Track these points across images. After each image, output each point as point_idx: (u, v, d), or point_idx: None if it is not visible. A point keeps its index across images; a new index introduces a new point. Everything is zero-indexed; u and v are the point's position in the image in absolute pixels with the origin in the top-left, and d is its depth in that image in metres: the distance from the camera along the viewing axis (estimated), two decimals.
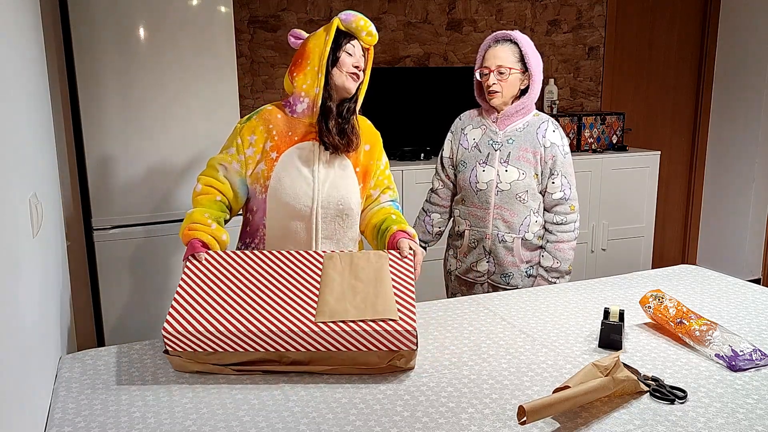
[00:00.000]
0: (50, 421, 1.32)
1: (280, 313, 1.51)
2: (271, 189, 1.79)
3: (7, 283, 1.10)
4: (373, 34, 1.81)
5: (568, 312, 1.89)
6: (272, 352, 1.48)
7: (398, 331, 1.46)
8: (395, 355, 1.48)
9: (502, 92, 2.16)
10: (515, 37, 2.17)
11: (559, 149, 2.19)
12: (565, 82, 4.29)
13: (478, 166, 2.21)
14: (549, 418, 1.28)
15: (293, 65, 1.83)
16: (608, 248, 3.99)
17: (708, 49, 4.59)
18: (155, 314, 2.85)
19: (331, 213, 1.82)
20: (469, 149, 2.25)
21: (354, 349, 1.48)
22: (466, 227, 2.28)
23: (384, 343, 1.47)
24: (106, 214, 2.73)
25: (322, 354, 1.48)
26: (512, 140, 2.19)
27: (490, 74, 2.16)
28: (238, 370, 1.49)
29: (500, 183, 2.18)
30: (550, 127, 2.20)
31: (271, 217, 1.82)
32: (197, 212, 1.74)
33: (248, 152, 1.80)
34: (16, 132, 1.35)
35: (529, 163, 2.18)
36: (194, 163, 2.82)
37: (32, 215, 1.43)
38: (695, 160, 4.75)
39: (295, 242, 1.83)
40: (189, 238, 1.70)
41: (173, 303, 1.53)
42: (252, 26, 3.54)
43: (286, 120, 1.82)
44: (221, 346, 1.48)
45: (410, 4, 3.85)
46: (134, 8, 2.63)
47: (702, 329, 1.63)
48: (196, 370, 1.50)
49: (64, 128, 2.68)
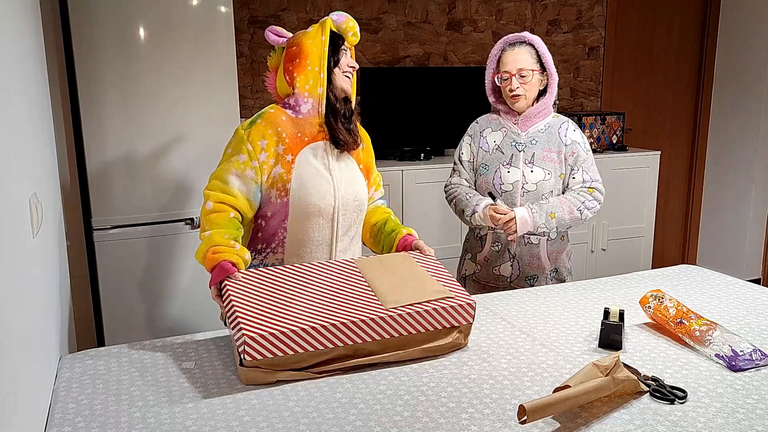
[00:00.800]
0: (50, 421, 1.32)
1: (348, 307, 1.55)
2: (294, 191, 1.78)
3: (7, 283, 1.10)
4: (358, 35, 1.87)
5: (568, 312, 1.89)
6: (349, 345, 1.50)
7: (460, 305, 1.59)
8: (458, 329, 1.60)
9: (526, 95, 2.17)
10: (530, 38, 2.18)
11: (580, 146, 2.21)
12: (565, 82, 4.29)
13: (501, 167, 2.20)
14: (549, 417, 1.29)
15: (290, 65, 1.82)
16: (608, 248, 3.99)
17: (708, 49, 4.59)
18: (155, 314, 2.85)
19: (350, 209, 1.87)
20: (490, 152, 2.23)
21: (423, 330, 1.56)
22: (488, 230, 2.26)
23: (448, 319, 1.58)
24: (106, 214, 2.73)
25: (393, 341, 1.55)
26: (536, 141, 2.19)
27: (512, 78, 2.15)
28: (317, 372, 1.49)
29: (526, 184, 2.18)
30: (571, 126, 2.23)
31: (293, 220, 1.80)
32: (216, 234, 1.67)
33: (261, 157, 1.75)
34: (16, 132, 1.35)
35: (553, 162, 2.19)
36: (194, 163, 2.82)
37: (32, 215, 1.43)
38: (695, 160, 4.75)
39: (316, 241, 1.84)
40: (215, 261, 1.62)
41: (238, 316, 1.46)
42: (252, 26, 3.55)
43: (293, 121, 1.81)
44: (302, 345, 1.45)
45: (410, 4, 3.85)
46: (134, 8, 2.63)
47: (702, 329, 1.63)
48: (270, 380, 1.45)
49: (64, 128, 2.68)
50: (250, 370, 1.45)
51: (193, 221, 2.85)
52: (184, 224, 2.85)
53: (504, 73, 2.18)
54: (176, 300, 2.88)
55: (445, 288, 1.64)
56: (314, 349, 1.47)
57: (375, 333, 1.52)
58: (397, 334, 1.54)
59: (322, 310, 1.52)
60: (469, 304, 1.60)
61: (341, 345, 1.50)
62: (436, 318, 1.57)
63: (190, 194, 2.84)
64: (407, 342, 1.56)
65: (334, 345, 1.49)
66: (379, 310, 1.54)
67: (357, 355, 1.52)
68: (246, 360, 1.43)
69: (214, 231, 1.68)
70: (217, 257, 1.63)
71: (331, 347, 1.49)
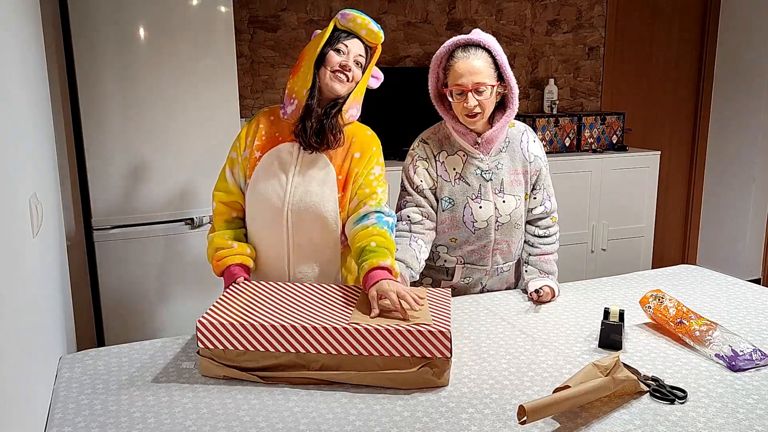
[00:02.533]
0: (50, 421, 1.32)
1: (310, 316, 1.49)
2: (249, 188, 1.79)
3: (7, 283, 1.10)
4: (375, 31, 1.74)
5: (568, 312, 1.89)
6: (302, 354, 1.44)
7: (432, 333, 1.40)
8: (428, 362, 1.42)
9: (484, 113, 1.84)
10: (484, 41, 1.83)
11: (542, 161, 1.99)
12: (565, 82, 4.29)
13: (471, 202, 1.91)
14: (549, 418, 1.28)
15: (292, 68, 1.82)
16: (608, 248, 3.99)
17: (708, 49, 4.59)
18: (155, 314, 2.85)
19: (305, 217, 1.75)
20: (452, 182, 1.92)
21: (386, 353, 1.42)
22: (457, 264, 2.01)
23: (416, 346, 1.41)
24: (106, 214, 2.73)
25: (352, 358, 1.43)
26: (501, 165, 1.93)
27: (467, 94, 1.80)
28: (264, 377, 1.45)
29: (500, 217, 1.93)
30: (530, 137, 1.99)
31: (249, 217, 1.82)
32: (217, 237, 1.79)
33: (244, 154, 1.81)
34: (16, 132, 1.36)
35: (520, 185, 1.96)
36: (194, 163, 2.82)
37: (32, 215, 1.43)
38: (695, 160, 4.75)
39: (270, 243, 1.80)
40: (222, 267, 1.76)
41: (212, 306, 1.54)
42: (252, 26, 3.54)
43: (277, 121, 1.81)
44: (252, 343, 1.44)
45: (410, 4, 3.85)
46: (134, 8, 2.63)
47: (702, 329, 1.63)
48: (224, 375, 1.47)
49: (64, 128, 2.68)
50: (204, 359, 1.48)
51: (193, 221, 2.85)
52: (184, 224, 2.85)
53: (457, 87, 1.82)
54: (176, 300, 2.88)
55: (429, 318, 1.48)
56: (264, 348, 1.44)
57: (329, 345, 1.42)
58: (354, 351, 1.42)
59: (283, 314, 1.50)
60: (443, 334, 1.40)
61: (292, 351, 1.44)
62: (400, 341, 1.41)
63: (189, 194, 2.84)
64: (364, 363, 1.42)
65: (285, 349, 1.44)
66: (338, 322, 1.45)
67: (310, 368, 1.44)
68: (200, 348, 1.48)
69: (216, 234, 1.80)
70: (223, 264, 1.76)
71: (282, 351, 1.44)
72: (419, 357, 1.42)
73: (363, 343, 1.42)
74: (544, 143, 3.85)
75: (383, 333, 1.41)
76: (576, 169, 3.82)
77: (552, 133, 3.88)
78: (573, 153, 3.91)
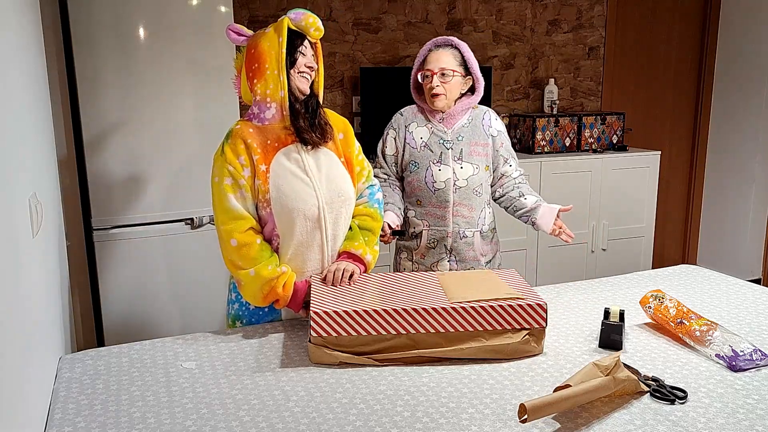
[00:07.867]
0: (50, 421, 1.32)
1: (413, 299, 1.62)
2: (274, 200, 1.76)
3: (7, 283, 1.10)
4: (321, 29, 1.82)
5: (568, 312, 1.89)
6: (413, 334, 1.56)
7: (530, 306, 1.58)
8: (527, 333, 1.58)
9: (446, 94, 2.20)
10: (456, 42, 2.23)
11: (504, 136, 2.30)
12: (565, 82, 4.29)
13: (432, 165, 2.22)
14: (549, 417, 1.29)
15: (250, 71, 1.79)
16: (608, 248, 3.99)
17: (708, 49, 4.59)
18: (155, 314, 2.85)
19: (335, 206, 1.83)
20: (418, 149, 2.25)
21: (490, 328, 1.57)
22: (423, 227, 2.27)
23: (516, 319, 1.58)
24: (106, 214, 2.73)
25: (456, 335, 1.57)
26: (461, 137, 2.24)
27: (433, 76, 2.19)
28: (380, 360, 1.55)
29: (457, 180, 2.22)
30: (492, 115, 2.29)
31: (282, 226, 1.79)
32: (262, 269, 1.73)
33: (246, 173, 1.76)
34: (16, 132, 1.36)
35: (480, 156, 2.24)
36: (194, 163, 2.82)
37: (32, 215, 1.43)
38: (695, 160, 4.75)
39: (309, 244, 1.81)
40: (288, 291, 1.76)
41: (313, 296, 1.64)
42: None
43: (259, 130, 1.79)
44: (364, 327, 1.55)
45: (410, 4, 3.85)
46: (134, 8, 2.63)
47: (702, 329, 1.63)
48: (333, 361, 1.56)
49: (64, 128, 2.68)
50: (316, 347, 1.56)
51: (192, 221, 2.85)
52: (183, 224, 2.85)
53: (426, 71, 2.22)
54: (176, 300, 2.88)
55: (518, 293, 1.64)
56: (376, 333, 1.55)
57: (437, 324, 1.56)
58: (461, 328, 1.57)
59: (387, 300, 1.62)
60: (540, 305, 1.58)
61: (403, 332, 1.56)
62: (502, 315, 1.58)
63: (189, 194, 2.84)
64: (471, 338, 1.58)
65: (396, 331, 1.56)
66: (443, 302, 1.59)
67: (419, 347, 1.57)
68: (312, 336, 1.55)
69: (259, 267, 1.74)
70: (288, 287, 1.77)
71: (393, 333, 1.56)
72: (519, 328, 1.59)
73: (468, 319, 1.57)
74: (545, 143, 3.86)
75: (487, 309, 1.57)
76: (576, 169, 3.82)
77: (552, 133, 3.88)
78: (573, 153, 3.91)
